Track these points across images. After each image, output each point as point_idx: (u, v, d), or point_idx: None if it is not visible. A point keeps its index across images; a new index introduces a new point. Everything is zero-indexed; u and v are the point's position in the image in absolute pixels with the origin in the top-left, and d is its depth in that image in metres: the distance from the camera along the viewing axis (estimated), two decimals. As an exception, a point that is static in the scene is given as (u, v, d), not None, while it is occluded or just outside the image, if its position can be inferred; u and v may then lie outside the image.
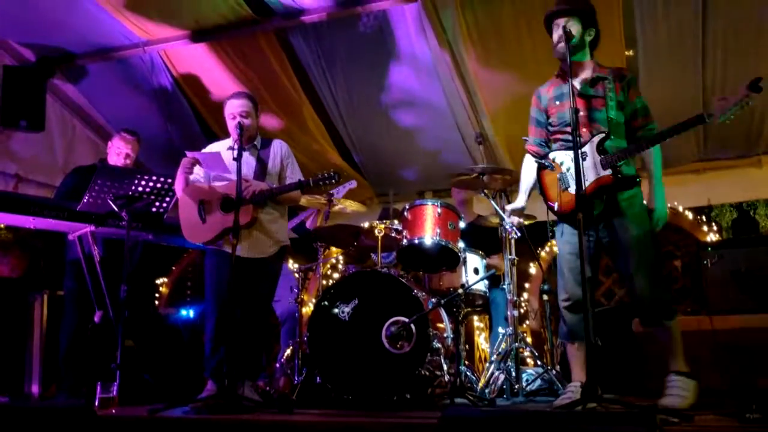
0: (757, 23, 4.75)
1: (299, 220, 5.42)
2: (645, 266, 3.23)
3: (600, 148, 3.21)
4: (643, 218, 3.28)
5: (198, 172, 4.05)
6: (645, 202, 3.32)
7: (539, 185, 3.53)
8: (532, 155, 3.65)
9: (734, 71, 5.02)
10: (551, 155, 3.44)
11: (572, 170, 3.13)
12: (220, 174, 4.02)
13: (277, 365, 5.06)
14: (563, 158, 3.37)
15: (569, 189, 3.30)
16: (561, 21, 3.34)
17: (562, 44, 3.25)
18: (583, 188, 3.00)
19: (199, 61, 5.80)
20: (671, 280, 5.78)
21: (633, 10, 4.83)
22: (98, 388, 3.58)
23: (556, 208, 3.39)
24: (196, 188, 4.03)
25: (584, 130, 3.28)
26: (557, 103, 3.46)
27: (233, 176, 3.79)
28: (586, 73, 3.39)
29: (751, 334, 3.85)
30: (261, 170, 4.06)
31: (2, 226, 5.44)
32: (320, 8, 5.12)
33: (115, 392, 3.60)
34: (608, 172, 3.18)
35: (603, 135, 3.22)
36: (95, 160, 5.21)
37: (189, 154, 4.00)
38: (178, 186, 4.03)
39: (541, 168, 3.51)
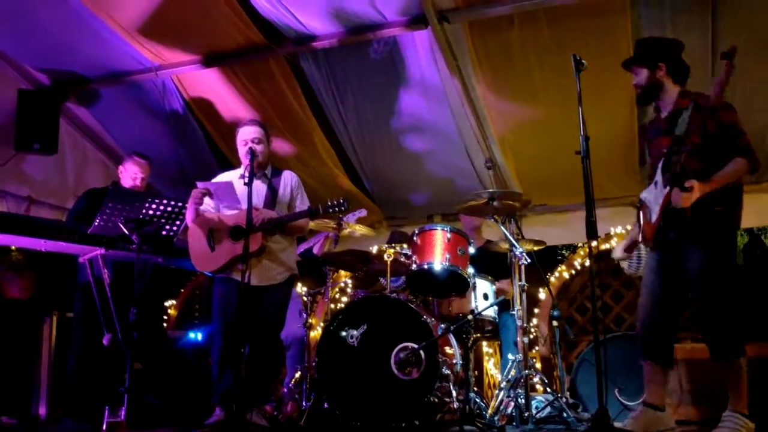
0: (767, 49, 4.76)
1: (308, 245, 5.42)
2: (711, 300, 3.20)
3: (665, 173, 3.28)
4: (718, 248, 3.23)
5: (208, 203, 4.08)
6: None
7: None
8: None
9: (746, 98, 5.01)
10: (641, 195, 3.54)
11: (652, 202, 3.35)
12: (230, 204, 4.04)
13: (284, 390, 5.03)
14: (646, 194, 3.48)
15: (650, 219, 3.39)
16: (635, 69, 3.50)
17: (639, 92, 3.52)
18: (593, 216, 3.08)
19: (210, 85, 5.85)
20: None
21: (642, 36, 4.85)
22: (106, 412, 3.56)
23: (641, 238, 3.50)
24: (205, 218, 4.06)
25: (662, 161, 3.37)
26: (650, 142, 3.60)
27: (243, 206, 3.81)
28: (669, 107, 3.46)
29: (768, 363, 3.80)
30: (271, 199, 4.09)
31: (13, 248, 5.47)
32: (331, 34, 5.17)
33: (122, 416, 3.59)
34: (667, 189, 3.21)
35: (664, 162, 3.29)
36: (107, 183, 5.24)
37: (199, 184, 4.03)
38: (189, 216, 4.06)
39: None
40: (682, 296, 3.38)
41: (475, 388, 4.42)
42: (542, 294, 5.83)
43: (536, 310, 5.80)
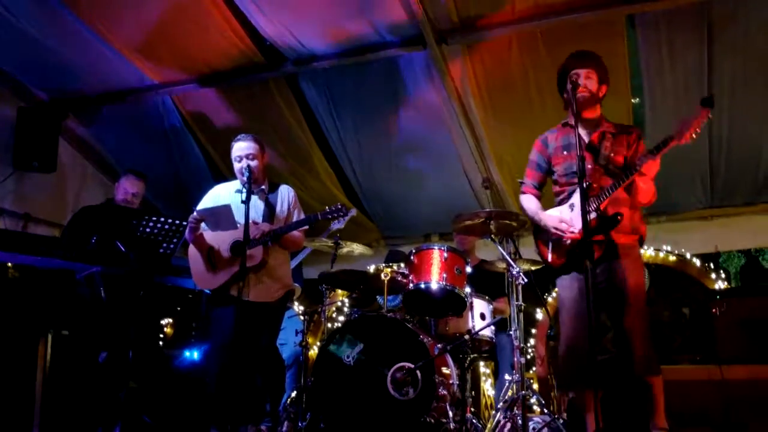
0: (763, 73, 4.79)
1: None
2: (641, 317, 3.22)
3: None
4: (640, 269, 3.31)
5: (204, 228, 4.07)
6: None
7: (535, 242, 3.63)
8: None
9: (741, 120, 5.05)
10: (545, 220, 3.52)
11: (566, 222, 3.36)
12: (228, 228, 4.02)
13: (280, 409, 4.99)
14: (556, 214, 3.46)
15: (561, 242, 3.39)
16: (582, 72, 3.37)
17: (581, 94, 3.30)
18: (588, 228, 3.03)
19: (209, 103, 5.88)
20: (680, 327, 5.72)
21: (639, 59, 4.89)
22: None
23: (549, 260, 3.49)
24: (204, 237, 4.05)
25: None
26: (565, 153, 3.49)
27: (242, 222, 3.80)
28: (596, 127, 3.44)
29: (764, 385, 3.78)
30: (269, 214, 4.09)
31: (10, 264, 5.45)
32: (331, 54, 5.21)
33: (116, 436, 3.56)
34: (593, 215, 3.20)
35: (587, 185, 3.24)
36: (104, 201, 5.25)
37: (198, 211, 4.00)
38: (188, 237, 4.03)
39: (537, 229, 3.60)
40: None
41: (472, 409, 4.39)
42: (539, 314, 5.81)
43: (533, 331, 5.78)
